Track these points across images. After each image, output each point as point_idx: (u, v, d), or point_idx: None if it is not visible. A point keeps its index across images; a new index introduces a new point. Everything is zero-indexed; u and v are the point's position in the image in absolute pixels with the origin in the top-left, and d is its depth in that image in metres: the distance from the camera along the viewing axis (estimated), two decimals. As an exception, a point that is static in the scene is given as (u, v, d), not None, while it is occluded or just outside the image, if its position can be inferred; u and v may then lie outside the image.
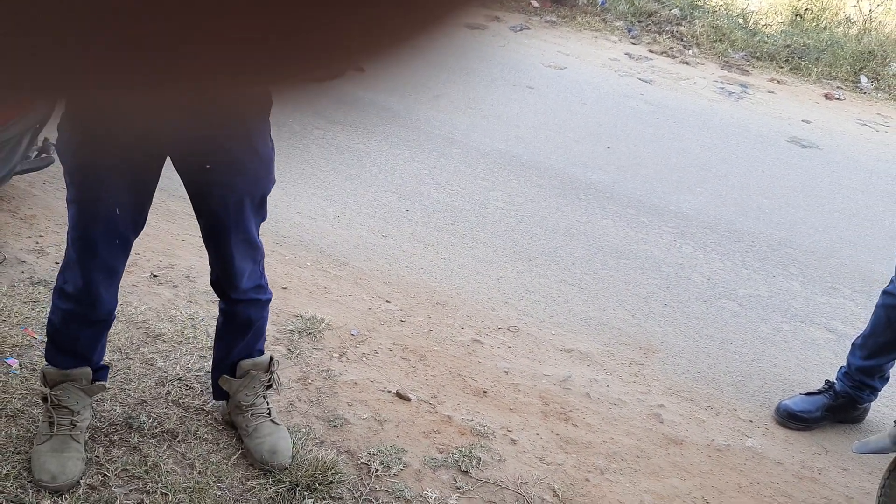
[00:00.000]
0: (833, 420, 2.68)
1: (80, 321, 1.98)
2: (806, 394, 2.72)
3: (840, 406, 2.67)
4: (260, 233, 2.05)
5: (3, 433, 2.09)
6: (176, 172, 1.94)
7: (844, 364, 2.71)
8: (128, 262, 2.95)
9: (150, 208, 1.82)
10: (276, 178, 1.99)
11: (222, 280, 2.03)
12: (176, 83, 0.27)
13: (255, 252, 2.02)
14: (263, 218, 2.00)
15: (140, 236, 3.10)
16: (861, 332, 2.68)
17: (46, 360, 2.05)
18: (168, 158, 1.90)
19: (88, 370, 2.05)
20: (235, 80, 0.27)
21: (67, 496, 1.94)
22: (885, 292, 2.59)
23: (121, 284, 2.79)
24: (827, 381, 2.73)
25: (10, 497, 1.92)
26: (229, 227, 1.92)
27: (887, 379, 2.70)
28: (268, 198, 2.00)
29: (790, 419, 2.65)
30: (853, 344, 2.69)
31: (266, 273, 2.15)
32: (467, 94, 5.14)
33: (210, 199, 1.90)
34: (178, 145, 1.83)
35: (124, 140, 1.78)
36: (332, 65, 0.27)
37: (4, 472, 1.97)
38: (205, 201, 1.92)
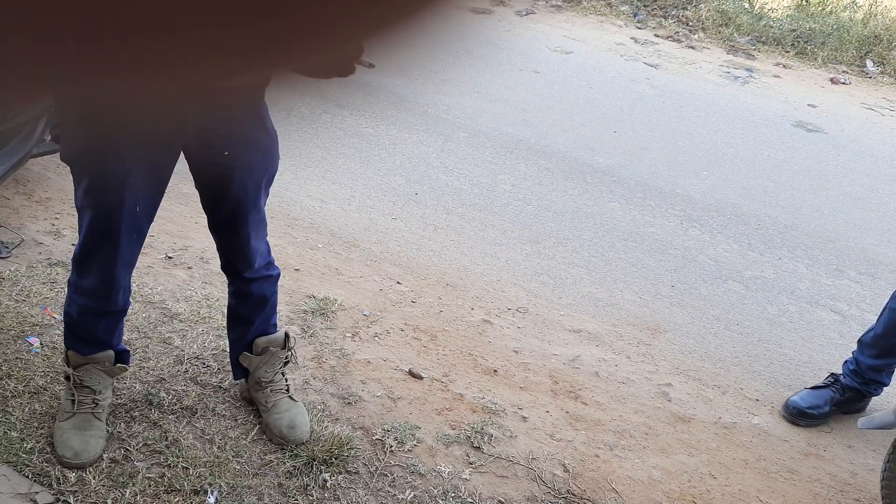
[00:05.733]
0: (840, 412, 2.66)
1: (98, 314, 2.01)
2: (811, 388, 2.69)
3: (847, 400, 2.66)
4: (272, 216, 2.09)
5: (27, 409, 2.14)
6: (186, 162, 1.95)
7: (850, 359, 2.69)
8: (143, 245, 3.00)
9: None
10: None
11: (237, 262, 2.06)
12: (180, 70, 0.26)
13: (265, 229, 2.07)
14: (268, 194, 2.05)
15: (154, 219, 3.15)
16: (869, 327, 2.66)
17: (67, 346, 2.09)
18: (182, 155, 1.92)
19: (111, 353, 2.09)
20: (238, 65, 0.27)
21: (91, 470, 1.99)
22: None
23: (137, 265, 2.84)
24: (832, 375, 2.71)
25: (35, 470, 1.97)
26: (248, 209, 1.95)
27: (893, 371, 2.70)
28: (279, 180, 2.04)
29: (800, 417, 2.62)
30: (861, 342, 2.66)
31: (277, 254, 2.19)
32: (474, 79, 5.16)
33: (231, 183, 1.91)
34: (196, 133, 1.85)
35: (144, 135, 1.80)
36: (336, 44, 0.27)
37: (29, 446, 2.03)
38: (223, 188, 1.92)
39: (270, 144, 1.94)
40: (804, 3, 7.52)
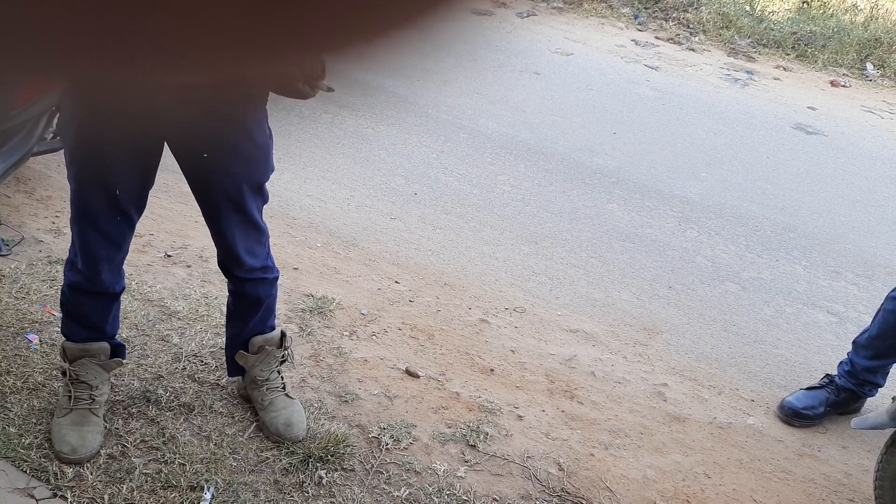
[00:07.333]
0: (835, 413, 2.67)
1: (87, 293, 2.03)
2: (807, 388, 2.70)
3: (842, 401, 2.66)
4: (271, 215, 2.09)
5: (26, 405, 2.15)
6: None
7: (845, 360, 2.69)
8: (143, 242, 3.02)
9: (164, 190, 1.89)
10: (274, 166, 2.01)
11: (227, 260, 2.07)
12: (179, 61, 0.26)
13: (258, 233, 2.04)
14: (265, 201, 2.02)
15: (154, 217, 3.17)
16: (864, 329, 2.66)
17: (63, 334, 2.11)
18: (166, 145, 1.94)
19: (106, 345, 2.11)
20: (238, 57, 0.27)
21: (89, 465, 2.01)
22: (892, 297, 2.54)
23: (136, 263, 2.86)
24: (827, 375, 2.72)
25: (34, 466, 1.98)
26: (229, 211, 1.95)
27: (888, 373, 2.70)
28: (279, 180, 2.04)
29: (795, 417, 2.63)
30: (855, 343, 2.67)
31: (276, 253, 2.19)
32: (475, 80, 5.17)
33: (209, 185, 1.93)
34: (176, 130, 1.86)
35: (124, 121, 1.82)
36: (333, 44, 0.27)
37: (27, 441, 2.04)
38: (203, 188, 1.95)
39: (257, 155, 1.92)
40: (805, 5, 7.53)
